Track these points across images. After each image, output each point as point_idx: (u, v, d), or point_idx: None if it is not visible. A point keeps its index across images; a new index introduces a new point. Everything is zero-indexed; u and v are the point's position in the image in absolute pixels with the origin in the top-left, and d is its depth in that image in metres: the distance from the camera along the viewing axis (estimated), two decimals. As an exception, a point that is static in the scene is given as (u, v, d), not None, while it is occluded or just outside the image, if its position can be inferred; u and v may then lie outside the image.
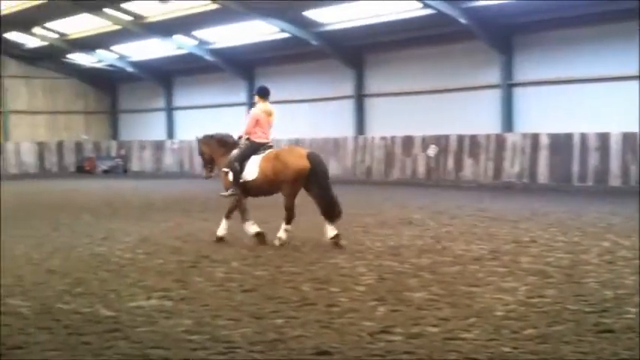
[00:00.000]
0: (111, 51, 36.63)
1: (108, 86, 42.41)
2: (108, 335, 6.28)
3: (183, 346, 5.96)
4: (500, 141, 24.41)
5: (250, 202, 12.17)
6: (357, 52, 29.35)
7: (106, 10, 29.66)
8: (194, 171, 34.88)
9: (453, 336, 6.15)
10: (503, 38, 24.57)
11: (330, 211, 11.13)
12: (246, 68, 33.80)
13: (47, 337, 6.28)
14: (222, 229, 11.84)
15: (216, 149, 12.52)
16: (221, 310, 7.12)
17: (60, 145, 40.32)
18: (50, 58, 38.83)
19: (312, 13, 26.87)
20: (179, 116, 38.62)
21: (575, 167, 22.43)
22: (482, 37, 24.33)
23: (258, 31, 29.47)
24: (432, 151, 26.13)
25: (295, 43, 28.98)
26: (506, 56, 24.65)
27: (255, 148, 11.74)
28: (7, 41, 37.09)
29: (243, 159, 11.67)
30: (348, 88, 29.83)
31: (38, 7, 29.71)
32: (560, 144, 22.81)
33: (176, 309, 7.22)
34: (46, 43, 36.16)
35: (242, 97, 34.09)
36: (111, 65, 38.06)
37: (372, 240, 11.82)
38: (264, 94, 12.26)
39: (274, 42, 29.71)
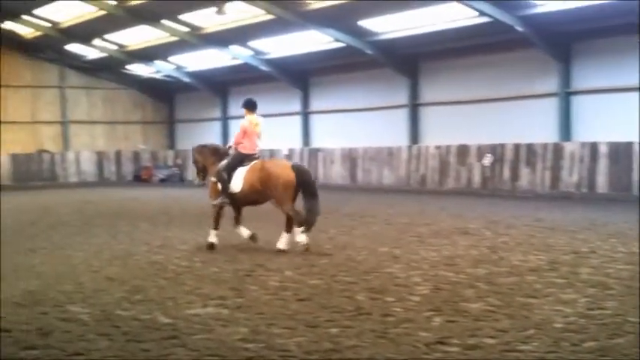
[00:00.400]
0: (168, 62, 37.27)
1: (165, 96, 43.11)
2: (166, 342, 6.37)
3: (240, 354, 6.01)
4: (557, 150, 23.98)
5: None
6: (412, 61, 29.24)
7: (164, 21, 30.17)
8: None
9: (510, 348, 6.06)
10: (561, 46, 24.17)
11: (310, 219, 11.63)
12: (300, 78, 33.99)
13: (107, 344, 6.40)
14: (212, 237, 12.35)
15: (209, 158, 12.96)
16: (276, 319, 7.16)
17: (118, 155, 41.13)
18: (109, 69, 39.69)
19: (367, 23, 26.88)
20: (234, 125, 38.97)
21: (636, 176, 21.87)
22: (539, 45, 23.99)
23: (312, 40, 29.64)
24: (487, 160, 25.83)
25: (349, 52, 29.03)
26: (564, 64, 24.25)
27: (241, 158, 12.21)
28: (69, 53, 38.08)
29: (230, 169, 12.14)
30: (402, 97, 29.72)
31: (98, 19, 30.40)
32: (620, 153, 22.30)
33: (232, 317, 7.28)
34: (105, 55, 36.98)
35: (296, 106, 34.28)
36: (168, 76, 38.69)
37: (426, 250, 11.74)
38: (251, 106, 12.55)
39: (328, 51, 29.82)
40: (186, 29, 30.98)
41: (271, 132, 35.42)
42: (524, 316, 7.09)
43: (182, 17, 29.86)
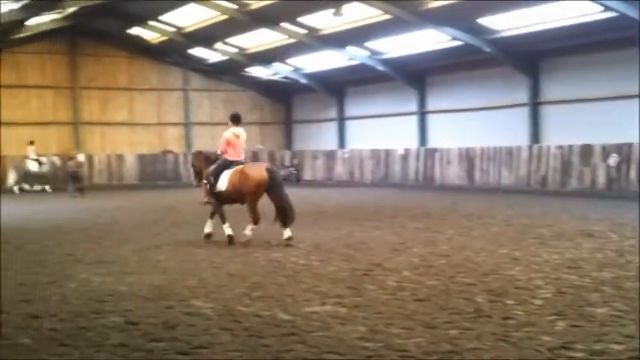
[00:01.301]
0: (286, 64, 37.87)
1: (282, 98, 43.81)
2: (286, 339, 6.49)
3: (359, 353, 6.03)
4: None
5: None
6: (532, 59, 28.43)
7: (283, 24, 30.70)
8: (364, 180, 35.29)
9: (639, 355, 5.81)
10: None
11: (284, 216, 13.14)
12: (417, 77, 33.73)
13: (229, 338, 6.58)
14: (208, 227, 14.01)
15: (203, 163, 14.50)
16: (394, 319, 7.15)
17: (238, 155, 42.09)
18: (230, 71, 40.73)
19: (486, 20, 26.37)
20: (350, 126, 39.20)
21: None
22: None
23: (429, 39, 29.37)
24: (613, 160, 24.78)
25: (467, 50, 28.55)
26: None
27: (227, 164, 13.73)
28: (192, 57, 39.38)
29: (216, 174, 13.72)
30: (521, 95, 28.94)
31: (221, 23, 31.27)
32: None
33: (350, 315, 7.33)
34: (226, 58, 37.98)
35: (413, 106, 34.06)
36: (286, 77, 39.31)
37: (548, 252, 11.41)
38: (235, 119, 14.18)
39: (445, 50, 29.44)
40: (304, 31, 31.39)
41: (387, 132, 35.66)
42: (654, 323, 6.78)
43: (300, 19, 30.27)
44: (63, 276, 10.07)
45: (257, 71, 39.99)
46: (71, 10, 31.72)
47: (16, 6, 27.87)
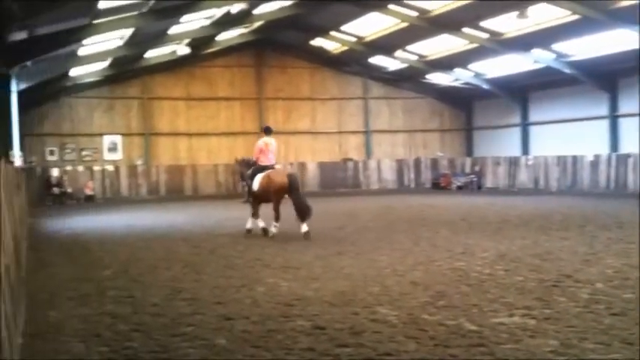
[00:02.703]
0: (467, 69, 37.31)
1: (463, 104, 43.21)
2: (474, 350, 6.33)
3: (551, 368, 5.77)
4: None
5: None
6: None
7: (465, 29, 30.27)
8: (550, 187, 33.95)
9: None
10: None
11: (301, 213, 15.68)
12: (608, 80, 32.01)
13: (415, 347, 6.52)
14: (249, 224, 16.84)
15: (244, 168, 17.96)
16: (588, 333, 6.79)
17: (417, 162, 42.05)
18: (409, 79, 40.76)
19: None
20: (534, 131, 37.93)
21: None
22: None
23: (621, 40, 27.76)
24: None
25: (665, 49, 26.72)
26: None
27: (260, 169, 16.51)
28: (372, 65, 39.83)
29: (252, 177, 16.65)
30: None
31: (401, 31, 31.38)
32: None
33: (540, 328, 7.04)
34: (405, 65, 38.05)
35: (602, 110, 32.37)
36: (467, 83, 38.74)
37: None
38: (266, 131, 17.09)
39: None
40: (486, 35, 30.78)
41: (574, 137, 34.11)
42: None
43: (483, 24, 29.69)
44: (252, 280, 10.48)
45: (437, 78, 39.72)
46: (258, 24, 33.17)
47: (207, 22, 29.54)
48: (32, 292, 9.85)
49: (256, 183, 16.30)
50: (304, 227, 15.56)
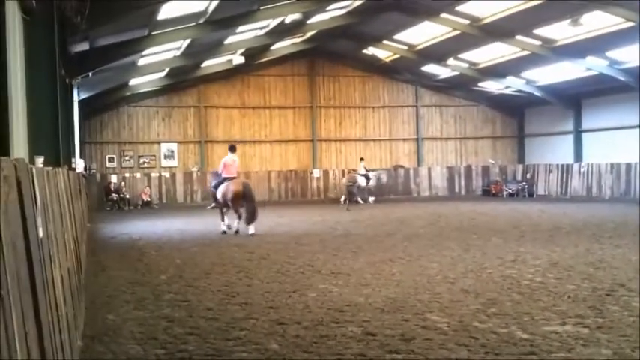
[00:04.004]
0: (519, 77, 37.01)
1: (514, 111, 42.82)
2: (525, 358, 6.41)
3: (604, 376, 5.82)
4: None
5: None
6: None
7: (518, 37, 30.08)
8: (603, 195, 33.45)
9: None
10: None
11: (250, 217, 19.01)
12: (663, 87, 31.44)
13: (466, 354, 6.62)
14: (222, 227, 19.91)
15: (214, 178, 21.01)
16: (642, 343, 6.79)
17: (468, 169, 41.85)
18: (461, 86, 40.61)
19: None
20: (587, 139, 37.40)
21: None
22: None
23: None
24: None
25: None
26: None
27: (224, 179, 19.91)
28: (423, 73, 39.80)
29: (217, 186, 20.20)
30: None
31: (452, 39, 31.33)
32: None
33: (593, 337, 7.07)
34: (457, 73, 37.92)
35: (658, 117, 31.81)
36: (518, 90, 38.41)
37: None
38: (231, 149, 20.83)
39: (697, 57, 27.17)
40: (538, 43, 30.52)
41: (628, 145, 33.49)
42: None
43: (536, 31, 29.46)
44: (304, 285, 10.69)
45: (489, 85, 39.48)
46: (310, 33, 33.52)
47: (261, 32, 29.97)
48: (91, 295, 10.21)
49: (219, 192, 19.68)
50: (251, 229, 18.87)
